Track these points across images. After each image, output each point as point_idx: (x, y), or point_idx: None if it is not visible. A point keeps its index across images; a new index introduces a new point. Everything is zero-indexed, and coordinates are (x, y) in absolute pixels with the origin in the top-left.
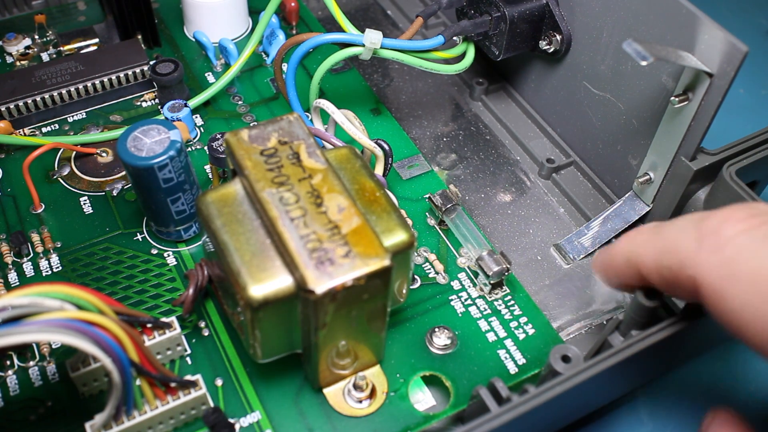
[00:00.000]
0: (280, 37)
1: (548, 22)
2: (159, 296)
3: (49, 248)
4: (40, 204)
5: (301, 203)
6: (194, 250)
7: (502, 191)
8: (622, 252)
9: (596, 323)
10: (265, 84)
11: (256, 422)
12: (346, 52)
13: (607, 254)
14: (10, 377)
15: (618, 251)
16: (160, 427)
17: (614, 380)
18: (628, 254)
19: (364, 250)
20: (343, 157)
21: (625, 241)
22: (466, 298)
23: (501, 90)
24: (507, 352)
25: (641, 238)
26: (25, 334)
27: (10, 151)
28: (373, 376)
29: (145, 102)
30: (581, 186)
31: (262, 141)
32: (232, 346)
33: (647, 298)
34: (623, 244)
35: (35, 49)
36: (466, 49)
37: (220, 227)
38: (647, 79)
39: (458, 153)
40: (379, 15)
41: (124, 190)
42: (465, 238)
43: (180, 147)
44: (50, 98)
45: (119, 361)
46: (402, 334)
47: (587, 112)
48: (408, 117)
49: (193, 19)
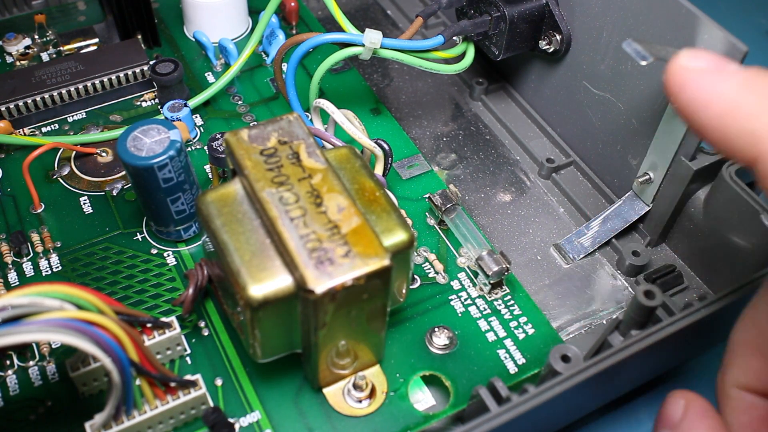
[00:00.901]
0: (280, 37)
1: (548, 22)
2: (159, 296)
3: (49, 248)
4: (40, 204)
5: (300, 203)
6: (194, 250)
7: (502, 191)
8: (746, 124)
9: (596, 323)
10: (264, 84)
11: (255, 422)
12: (346, 52)
13: (727, 111)
14: (10, 377)
15: (742, 119)
16: (159, 426)
17: (614, 380)
18: (754, 134)
19: (363, 249)
20: (342, 156)
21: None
22: (465, 297)
23: (501, 90)
24: (507, 352)
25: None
26: (25, 334)
27: (10, 151)
28: (373, 375)
29: (145, 102)
30: (581, 186)
31: (262, 141)
32: (231, 346)
33: (647, 298)
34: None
35: (35, 49)
36: (466, 49)
37: (220, 227)
38: (647, 79)
39: (458, 153)
40: (379, 15)
41: (124, 190)
42: (465, 237)
43: (180, 147)
44: (50, 98)
45: (119, 361)
46: (402, 333)
47: (587, 112)
48: (408, 117)
49: (193, 18)
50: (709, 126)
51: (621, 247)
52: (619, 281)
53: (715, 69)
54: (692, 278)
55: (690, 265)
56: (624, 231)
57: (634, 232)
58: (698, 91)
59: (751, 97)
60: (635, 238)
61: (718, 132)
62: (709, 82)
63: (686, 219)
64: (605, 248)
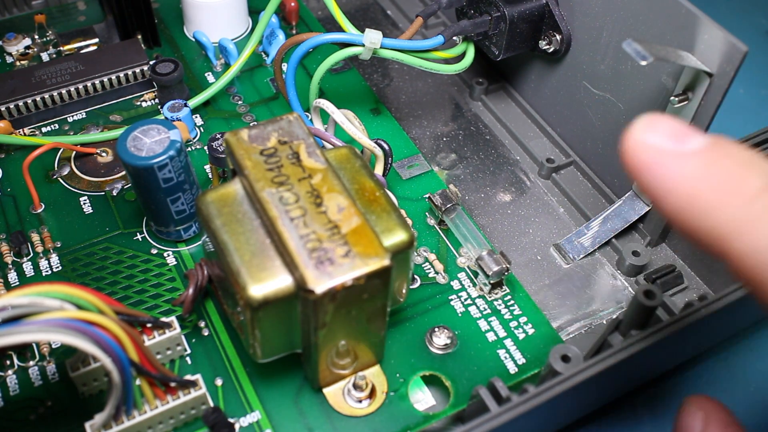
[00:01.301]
0: (280, 37)
1: (548, 22)
2: (159, 296)
3: (49, 248)
4: (40, 204)
5: (300, 203)
6: (194, 250)
7: (502, 191)
8: (708, 216)
9: (596, 323)
10: (264, 84)
11: (255, 422)
12: (346, 52)
13: (685, 197)
14: (10, 377)
15: (703, 210)
16: (159, 426)
17: (614, 380)
18: (717, 228)
19: (363, 249)
20: (342, 156)
21: (717, 202)
22: (465, 297)
23: (501, 90)
24: (507, 352)
25: (745, 219)
26: (25, 334)
27: (10, 151)
28: (373, 375)
29: (145, 102)
30: (581, 186)
31: (262, 141)
32: (231, 346)
33: (647, 298)
34: (714, 208)
35: (35, 49)
36: (466, 49)
37: (220, 227)
38: (647, 79)
39: (458, 153)
40: (379, 15)
41: (124, 190)
42: (465, 237)
43: (180, 147)
44: (50, 98)
45: (119, 361)
46: (402, 333)
47: (587, 112)
48: (408, 117)
49: (193, 19)
50: (674, 217)
51: (621, 247)
52: (619, 281)
53: (674, 147)
54: (692, 278)
55: (690, 265)
56: (624, 231)
57: (634, 232)
58: (657, 177)
59: (710, 184)
60: (635, 238)
61: (682, 225)
62: (668, 165)
63: None
64: (605, 248)
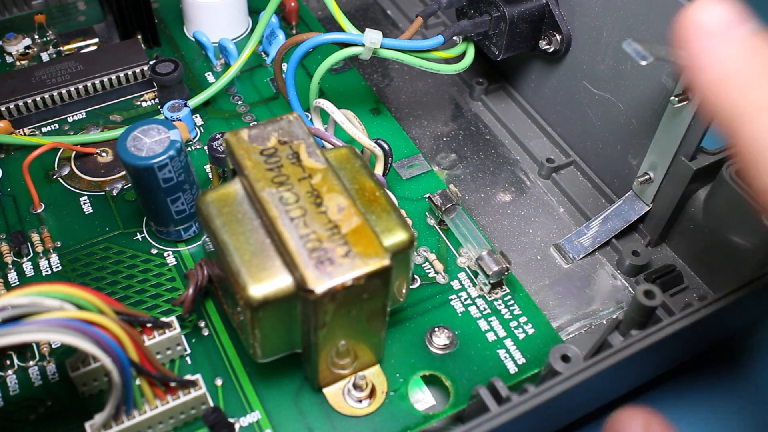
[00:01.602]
0: (280, 36)
1: (548, 22)
2: (159, 296)
3: (49, 248)
4: (40, 204)
5: (300, 203)
6: (194, 249)
7: (502, 191)
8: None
9: (596, 323)
10: (264, 84)
11: (255, 422)
12: (346, 51)
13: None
14: (10, 377)
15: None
16: (159, 426)
17: (614, 380)
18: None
19: (363, 249)
20: (342, 156)
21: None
22: (465, 297)
23: (501, 90)
24: (507, 352)
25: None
26: (25, 334)
27: (10, 151)
28: (373, 375)
29: (145, 102)
30: (581, 186)
31: (262, 141)
32: (232, 345)
33: (647, 298)
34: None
35: (35, 49)
36: (466, 49)
37: (220, 227)
38: (647, 79)
39: (458, 153)
40: (379, 15)
41: (124, 190)
42: (465, 237)
43: (180, 147)
44: (50, 98)
45: (119, 361)
46: (402, 333)
47: (587, 112)
48: (408, 117)
49: (193, 18)
50: (705, 91)
51: (621, 247)
52: (619, 281)
53: (724, 29)
54: (692, 278)
55: (690, 265)
56: (624, 231)
57: (634, 232)
58: (701, 52)
59: (747, 67)
60: (635, 238)
61: (711, 99)
62: (714, 45)
63: (686, 219)
64: (605, 248)
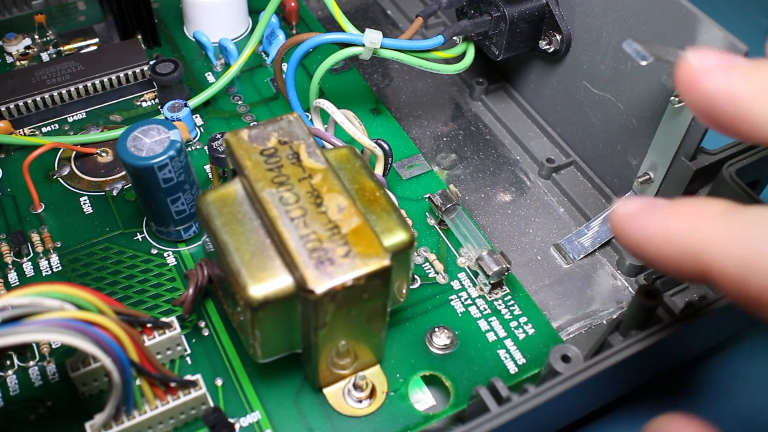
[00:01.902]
0: (280, 37)
1: (548, 22)
2: (159, 296)
3: (49, 248)
4: (40, 204)
5: (301, 203)
6: (194, 250)
7: (502, 191)
8: (683, 243)
9: (596, 323)
10: (265, 84)
11: (255, 422)
12: (346, 52)
13: (661, 237)
14: (10, 377)
15: (678, 240)
16: (160, 426)
17: (614, 380)
18: (693, 249)
19: (364, 250)
20: (343, 157)
21: (687, 229)
22: (466, 298)
23: (501, 90)
24: (507, 352)
25: (713, 234)
26: (25, 334)
27: (10, 151)
28: (373, 375)
29: (145, 102)
30: (581, 186)
31: (262, 141)
32: (232, 346)
33: (647, 298)
34: (686, 234)
35: (35, 49)
36: (466, 49)
37: (220, 227)
38: (647, 79)
39: (458, 153)
40: (379, 15)
41: (124, 190)
42: (465, 238)
43: (180, 147)
44: (50, 98)
45: (119, 361)
46: (402, 334)
47: (587, 112)
48: (408, 117)
49: (193, 18)
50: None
51: (621, 247)
52: (619, 281)
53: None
54: None
55: None
56: None
57: None
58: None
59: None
60: None
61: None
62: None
63: None
64: (605, 248)
